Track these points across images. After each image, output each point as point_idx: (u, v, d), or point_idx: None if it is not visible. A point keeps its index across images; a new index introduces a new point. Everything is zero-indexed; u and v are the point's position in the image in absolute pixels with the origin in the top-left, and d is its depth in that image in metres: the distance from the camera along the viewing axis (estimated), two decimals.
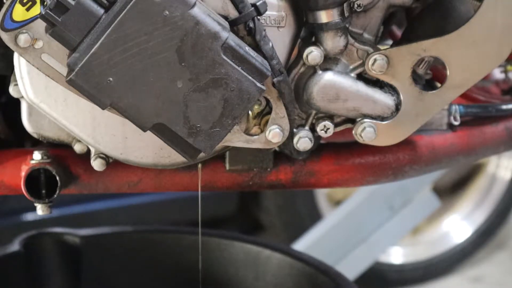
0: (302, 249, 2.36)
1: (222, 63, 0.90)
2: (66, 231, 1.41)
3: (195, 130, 0.92)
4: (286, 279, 1.33)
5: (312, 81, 1.05)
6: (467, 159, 1.26)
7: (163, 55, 0.89)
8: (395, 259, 3.06)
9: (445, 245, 3.15)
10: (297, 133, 1.07)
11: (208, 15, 0.89)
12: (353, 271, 2.60)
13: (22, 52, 0.96)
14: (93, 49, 0.87)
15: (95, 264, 1.39)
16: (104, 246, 1.40)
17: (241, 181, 1.16)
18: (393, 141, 1.10)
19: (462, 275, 3.11)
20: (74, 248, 1.39)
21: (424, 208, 2.77)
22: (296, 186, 1.17)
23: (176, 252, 1.39)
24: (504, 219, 3.24)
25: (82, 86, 0.88)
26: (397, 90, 1.07)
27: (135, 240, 1.41)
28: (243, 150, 1.10)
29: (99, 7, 0.88)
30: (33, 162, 1.09)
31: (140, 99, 0.90)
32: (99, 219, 2.67)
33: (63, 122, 1.05)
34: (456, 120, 1.24)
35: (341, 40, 1.03)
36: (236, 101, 0.92)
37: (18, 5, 0.94)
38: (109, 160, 1.09)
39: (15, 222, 2.56)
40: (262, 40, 0.96)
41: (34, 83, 1.02)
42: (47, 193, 1.09)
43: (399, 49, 1.05)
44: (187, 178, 1.15)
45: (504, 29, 1.04)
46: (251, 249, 1.36)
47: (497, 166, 3.24)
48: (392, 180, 1.20)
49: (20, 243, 1.36)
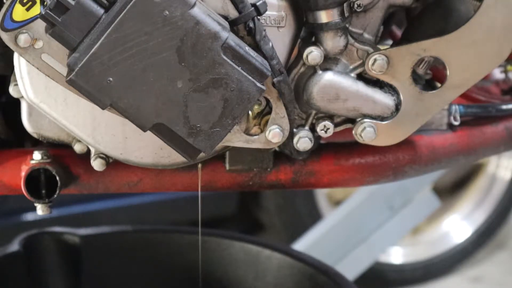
0: (302, 249, 2.35)
1: (222, 63, 0.90)
2: (66, 230, 1.41)
3: (195, 130, 0.92)
4: (286, 279, 1.33)
5: (312, 81, 1.05)
6: (467, 159, 1.26)
7: (163, 55, 0.89)
8: (395, 259, 3.06)
9: (445, 245, 3.15)
10: (297, 133, 1.07)
11: (208, 15, 0.89)
12: (353, 271, 2.60)
13: (22, 52, 0.96)
14: (93, 49, 0.87)
15: (95, 263, 1.39)
16: (104, 246, 1.40)
17: (241, 181, 1.16)
18: (393, 141, 1.10)
19: (462, 275, 3.10)
20: (74, 248, 1.39)
21: (424, 208, 2.77)
22: (296, 186, 1.17)
23: (176, 252, 1.39)
24: (504, 219, 3.23)
25: (82, 86, 0.88)
26: (397, 90, 1.06)
27: (135, 240, 1.41)
28: (243, 150, 1.10)
29: (99, 7, 0.88)
30: (33, 162, 1.09)
31: (140, 99, 0.90)
32: (99, 219, 2.66)
33: (63, 122, 1.05)
34: (456, 120, 1.24)
35: (341, 40, 1.03)
36: (236, 101, 0.92)
37: (18, 5, 0.94)
38: (109, 160, 1.09)
39: (15, 222, 2.56)
40: (262, 40, 0.96)
41: (34, 83, 1.02)
42: (47, 193, 1.09)
43: (399, 49, 1.05)
44: (187, 178, 1.15)
45: (504, 29, 1.04)
46: (251, 249, 1.36)
47: (497, 166, 3.23)
48: (392, 180, 1.20)
49: (20, 242, 1.36)
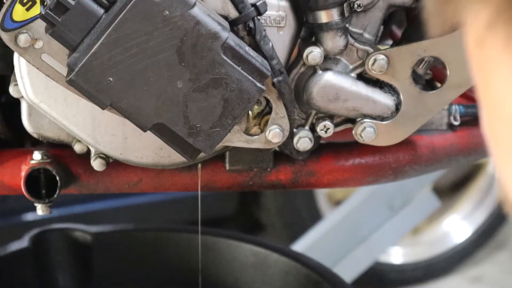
0: (302, 249, 2.36)
1: (222, 63, 0.90)
2: (77, 227, 1.38)
3: (195, 130, 0.92)
4: (292, 285, 1.31)
5: (312, 81, 1.04)
6: (467, 159, 1.26)
7: (163, 55, 0.89)
8: (395, 259, 3.06)
9: (445, 245, 3.14)
10: (297, 133, 1.07)
11: (208, 15, 0.89)
12: (353, 271, 2.59)
13: (22, 52, 0.96)
14: (93, 49, 0.87)
15: (106, 261, 1.37)
16: (116, 244, 1.38)
17: (241, 181, 1.16)
18: (393, 141, 1.10)
19: (462, 275, 3.10)
20: (85, 245, 1.37)
21: (424, 208, 2.76)
22: (296, 186, 1.17)
23: (187, 252, 1.38)
24: (504, 219, 3.23)
25: (82, 86, 0.88)
26: (397, 90, 1.06)
27: (147, 239, 1.39)
28: (243, 150, 1.10)
29: (99, 7, 0.88)
30: (33, 162, 1.09)
31: (140, 99, 0.90)
32: (99, 219, 2.66)
33: (63, 122, 1.05)
34: (456, 120, 1.24)
35: (341, 40, 1.03)
36: (236, 101, 0.92)
37: (18, 5, 0.94)
38: (109, 160, 1.09)
39: (15, 222, 2.56)
40: (262, 40, 0.96)
41: (34, 83, 1.02)
42: (47, 193, 1.09)
43: (399, 49, 1.05)
44: (187, 178, 1.14)
45: None
46: (259, 252, 1.35)
47: None
48: (392, 180, 1.20)
49: (29, 239, 1.35)
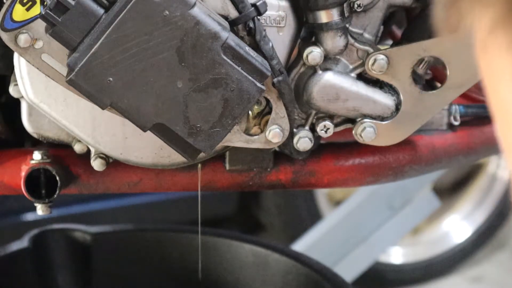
0: (302, 249, 2.35)
1: (222, 63, 0.90)
2: (77, 227, 1.38)
3: (195, 130, 0.92)
4: (292, 285, 1.31)
5: (312, 81, 1.04)
6: (467, 159, 1.26)
7: (163, 55, 0.89)
8: (395, 259, 3.06)
9: (445, 245, 3.14)
10: (297, 133, 1.07)
11: (208, 15, 0.89)
12: (353, 271, 2.60)
13: (22, 52, 0.96)
14: (93, 49, 0.87)
15: (106, 261, 1.37)
16: (115, 244, 1.38)
17: (241, 181, 1.16)
18: (393, 141, 1.10)
19: (462, 275, 3.10)
20: (84, 245, 1.37)
21: (424, 208, 2.76)
22: (296, 186, 1.17)
23: (187, 252, 1.37)
24: (504, 219, 3.23)
25: (82, 86, 0.88)
26: (397, 90, 1.06)
27: (147, 239, 1.39)
28: (243, 150, 1.10)
29: (99, 7, 0.88)
30: (33, 162, 1.09)
31: (140, 99, 0.90)
32: (99, 219, 2.66)
33: (63, 122, 1.05)
34: (456, 120, 1.24)
35: (341, 40, 1.03)
36: (236, 101, 0.92)
37: (18, 5, 0.93)
38: (109, 160, 1.09)
39: (15, 222, 2.56)
40: (262, 40, 0.96)
41: (34, 83, 1.02)
42: (47, 193, 1.09)
43: (399, 49, 1.05)
44: (187, 178, 1.14)
45: None
46: (260, 252, 1.35)
47: (497, 166, 3.23)
48: (392, 180, 1.20)
49: (29, 239, 1.35)
